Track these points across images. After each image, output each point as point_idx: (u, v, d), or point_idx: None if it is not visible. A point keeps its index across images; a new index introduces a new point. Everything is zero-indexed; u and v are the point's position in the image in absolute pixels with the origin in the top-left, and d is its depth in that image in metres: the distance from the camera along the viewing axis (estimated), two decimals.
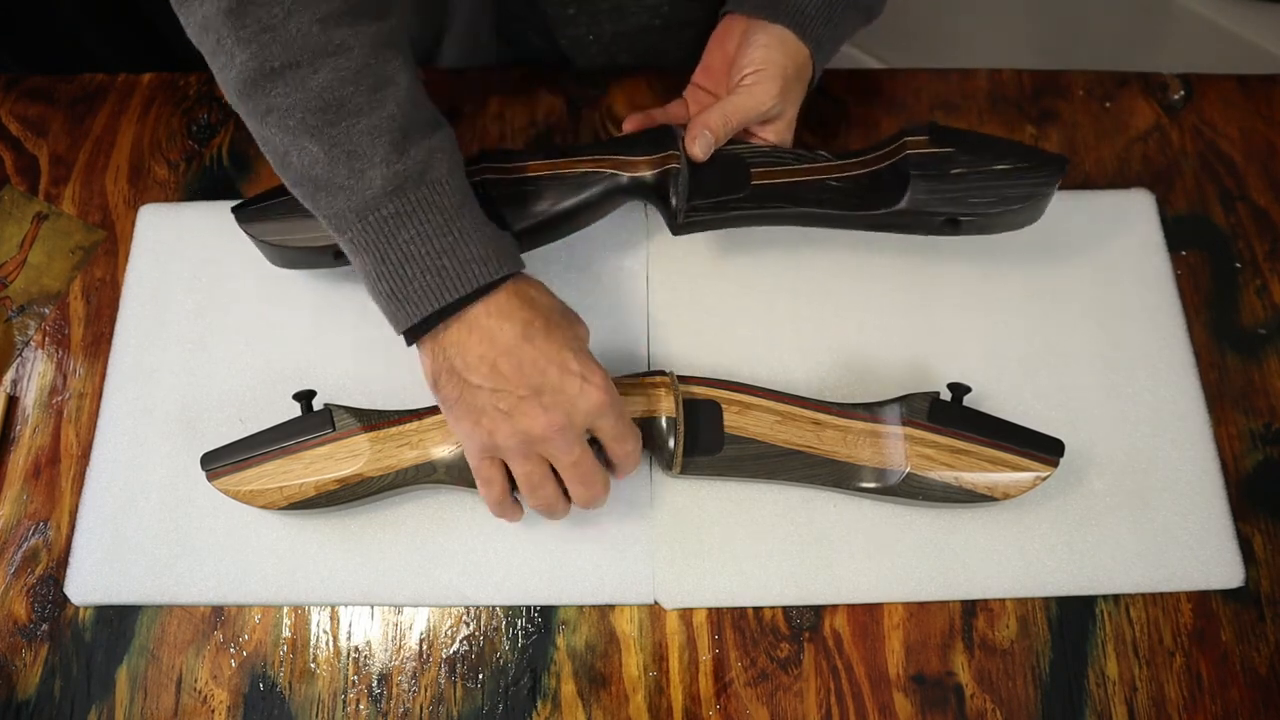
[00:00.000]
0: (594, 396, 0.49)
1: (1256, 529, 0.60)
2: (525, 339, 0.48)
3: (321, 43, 0.47)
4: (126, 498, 0.59)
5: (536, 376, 0.48)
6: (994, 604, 0.58)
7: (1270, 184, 0.70)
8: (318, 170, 0.48)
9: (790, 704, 0.56)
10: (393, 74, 0.49)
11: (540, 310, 0.50)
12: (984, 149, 0.58)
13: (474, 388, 0.49)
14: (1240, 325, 0.66)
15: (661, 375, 0.56)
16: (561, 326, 0.50)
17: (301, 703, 0.56)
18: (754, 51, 0.58)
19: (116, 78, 0.73)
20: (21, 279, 0.67)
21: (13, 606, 0.58)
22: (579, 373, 0.49)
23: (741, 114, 0.58)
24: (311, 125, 0.47)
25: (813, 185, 0.59)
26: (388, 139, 0.47)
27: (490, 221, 0.50)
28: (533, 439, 0.49)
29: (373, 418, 0.56)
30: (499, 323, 0.48)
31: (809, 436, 0.56)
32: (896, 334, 0.64)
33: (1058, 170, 0.57)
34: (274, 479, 0.54)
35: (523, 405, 0.48)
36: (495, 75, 0.73)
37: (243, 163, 0.70)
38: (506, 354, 0.48)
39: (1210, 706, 0.56)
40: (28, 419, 0.63)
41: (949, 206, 0.57)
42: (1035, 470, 0.55)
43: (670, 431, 0.55)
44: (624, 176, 0.58)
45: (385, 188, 0.47)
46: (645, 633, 0.57)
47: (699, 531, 0.59)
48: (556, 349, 0.49)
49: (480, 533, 0.58)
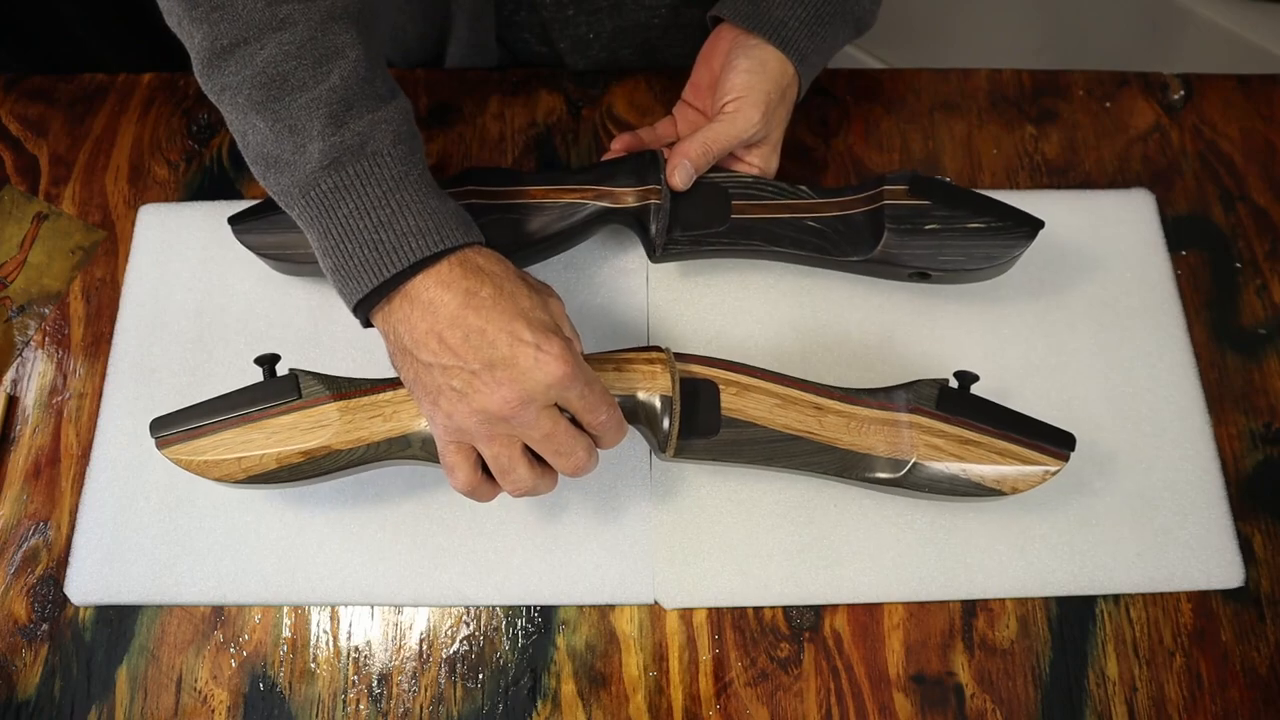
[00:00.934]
0: (551, 368, 0.45)
1: (1256, 529, 0.60)
2: (469, 307, 0.45)
3: (267, 18, 0.46)
4: (126, 498, 0.59)
5: (486, 349, 0.45)
6: (994, 604, 0.58)
7: (1270, 184, 0.70)
8: (267, 147, 0.48)
9: (790, 704, 0.56)
10: (341, 47, 0.47)
11: (488, 279, 0.47)
12: (960, 205, 0.58)
13: (425, 365, 0.47)
14: (1240, 325, 0.66)
15: (658, 351, 0.53)
16: (514, 295, 0.47)
17: (301, 703, 0.56)
18: (736, 76, 0.58)
19: (116, 78, 0.73)
20: (21, 279, 0.67)
21: (13, 606, 0.58)
22: (533, 342, 0.45)
23: (723, 142, 0.58)
24: (258, 101, 0.47)
25: (791, 224, 0.60)
26: (325, 111, 0.46)
27: (440, 194, 0.49)
28: (493, 418, 0.46)
29: (343, 385, 0.51)
30: (439, 293, 0.46)
31: (810, 422, 0.54)
32: (897, 333, 0.64)
33: (1029, 233, 0.58)
34: (232, 449, 0.50)
35: (476, 382, 0.45)
36: (495, 75, 0.73)
37: (242, 163, 0.70)
38: (450, 325, 0.45)
39: (1210, 706, 0.56)
40: (28, 419, 0.63)
41: (920, 262, 0.58)
42: (1045, 464, 0.53)
43: (665, 411, 0.51)
44: (607, 207, 0.59)
45: (322, 161, 0.46)
46: (645, 633, 0.57)
47: (699, 531, 0.59)
48: (506, 318, 0.45)
49: (480, 533, 0.58)
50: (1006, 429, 0.54)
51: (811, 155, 0.71)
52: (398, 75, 0.73)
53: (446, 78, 0.73)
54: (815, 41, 0.59)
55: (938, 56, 1.48)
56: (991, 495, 0.54)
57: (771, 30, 0.58)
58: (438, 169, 0.70)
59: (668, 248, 0.59)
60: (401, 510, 0.59)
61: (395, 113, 0.49)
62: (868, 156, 0.71)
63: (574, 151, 0.71)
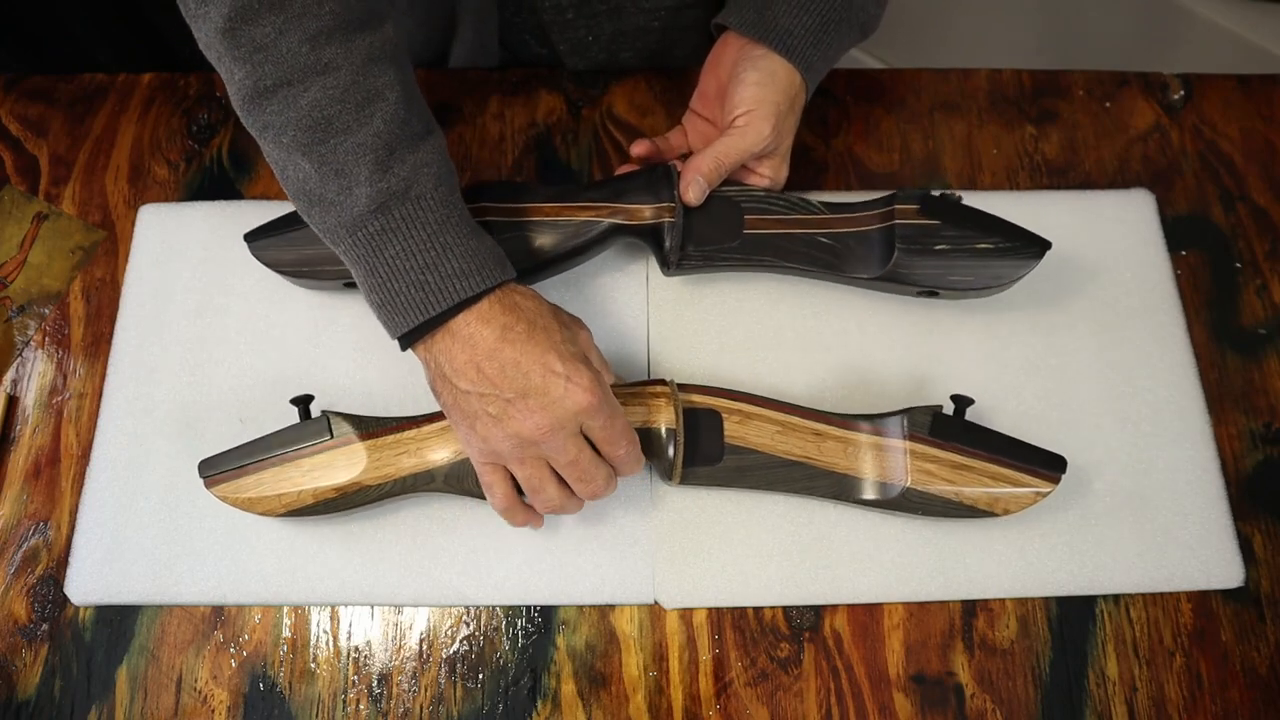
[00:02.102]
0: (578, 398, 0.49)
1: (1256, 529, 0.60)
2: (505, 341, 0.49)
3: (310, 62, 0.48)
4: (126, 498, 0.59)
5: (520, 379, 0.49)
6: (994, 604, 0.58)
7: (1270, 184, 0.70)
8: (310, 186, 0.50)
9: (790, 704, 0.56)
10: (381, 89, 0.49)
11: (523, 315, 0.50)
12: (969, 225, 0.59)
13: (464, 393, 0.50)
14: (1240, 325, 0.66)
15: (661, 384, 0.56)
16: (547, 330, 0.50)
17: (301, 703, 0.56)
18: (745, 90, 0.58)
19: (116, 78, 0.73)
20: (21, 279, 0.67)
21: (13, 606, 0.58)
22: (563, 374, 0.49)
23: (734, 156, 0.58)
24: (303, 143, 0.49)
25: (802, 239, 0.60)
26: (372, 157, 0.48)
27: (478, 231, 0.51)
28: (524, 441, 0.50)
29: (370, 425, 0.55)
30: (479, 328, 0.49)
31: (810, 448, 0.56)
32: (898, 335, 0.64)
33: (1037, 254, 0.59)
34: (272, 486, 0.54)
35: (510, 409, 0.49)
36: (495, 75, 0.73)
37: (242, 163, 0.70)
38: (488, 357, 0.49)
39: (1210, 706, 0.56)
40: (28, 419, 0.63)
41: (929, 282, 0.59)
42: (1036, 486, 0.55)
43: (670, 441, 0.54)
44: (621, 223, 0.59)
45: (370, 205, 0.49)
46: (645, 633, 0.57)
47: (699, 531, 0.59)
48: (540, 351, 0.49)
49: (480, 533, 0.58)
50: (998, 453, 0.56)
51: (811, 155, 0.71)
52: None
53: (446, 78, 0.73)
54: (821, 49, 0.59)
55: (938, 56, 1.48)
56: (984, 516, 0.56)
57: (778, 40, 0.58)
58: None
59: (681, 263, 0.60)
60: (401, 510, 0.59)
61: (433, 152, 0.51)
62: (868, 156, 0.71)
63: (574, 151, 0.71)
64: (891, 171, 0.70)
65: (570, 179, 0.69)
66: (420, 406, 0.61)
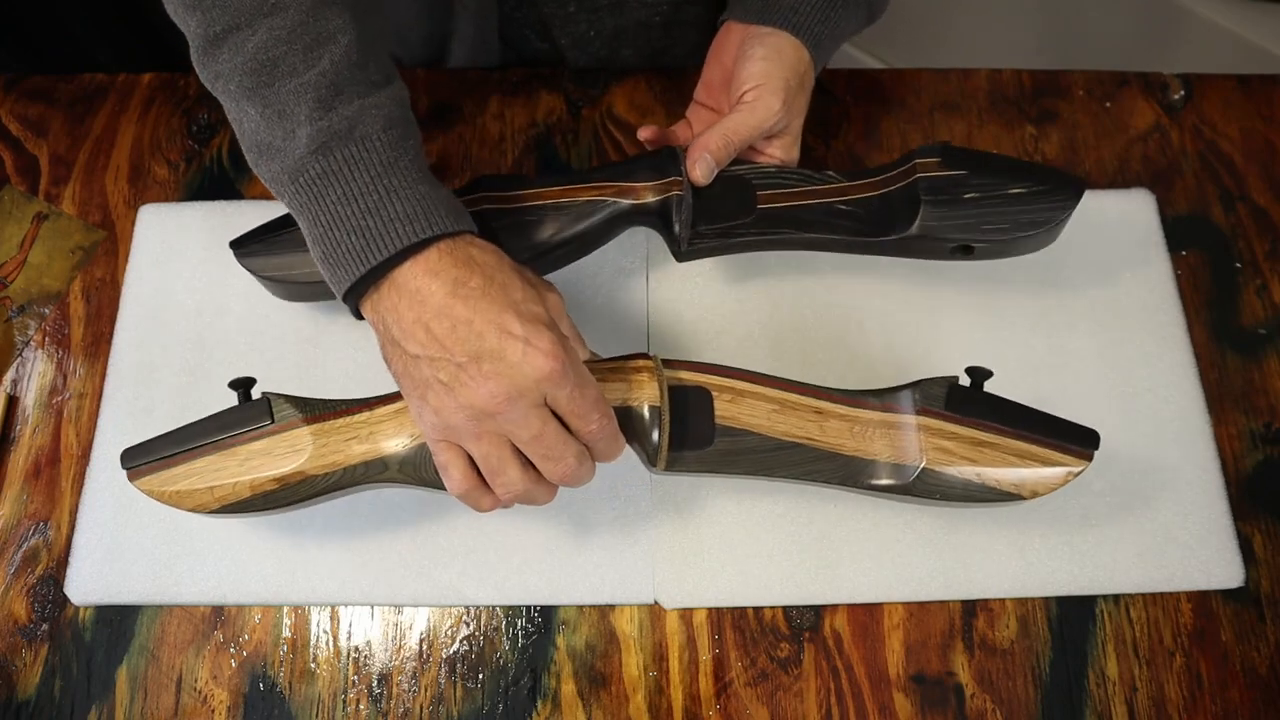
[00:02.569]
0: (538, 363, 0.43)
1: (1256, 529, 0.60)
2: (456, 297, 0.44)
3: (258, 3, 0.46)
4: (126, 498, 0.59)
5: (473, 340, 0.43)
6: (994, 604, 0.58)
7: (1270, 184, 0.70)
8: (260, 135, 0.47)
9: (790, 704, 0.56)
10: (332, 32, 0.46)
11: (479, 268, 0.45)
12: (998, 172, 0.55)
13: (413, 358, 0.45)
14: (1240, 325, 0.66)
15: (644, 359, 0.50)
16: (505, 286, 0.45)
17: (301, 703, 0.56)
18: (752, 65, 0.56)
19: (116, 78, 0.73)
20: (21, 279, 0.67)
21: (13, 606, 0.58)
22: (522, 336, 0.43)
23: (744, 133, 0.56)
24: (249, 87, 0.46)
25: (820, 209, 0.56)
26: (313, 95, 0.45)
27: (431, 180, 0.47)
28: (480, 413, 0.44)
29: (317, 408, 0.49)
30: (427, 282, 0.44)
31: (810, 428, 0.50)
32: (897, 334, 0.64)
33: (1075, 194, 0.55)
34: (204, 478, 0.48)
35: (462, 375, 0.44)
36: (495, 75, 0.73)
37: (243, 163, 0.70)
38: (437, 315, 0.44)
39: (1210, 706, 0.56)
40: (28, 419, 0.63)
41: (962, 233, 0.55)
42: (1068, 465, 0.50)
43: (654, 422, 0.48)
44: (626, 204, 0.56)
45: (310, 146, 0.45)
46: (645, 633, 0.57)
47: (699, 531, 0.59)
48: (496, 309, 0.44)
49: (480, 533, 0.58)
50: (1023, 428, 0.50)
51: (811, 155, 0.71)
52: None
53: (446, 78, 0.73)
54: (829, 26, 0.57)
55: (938, 56, 1.48)
56: (1009, 500, 0.50)
57: (784, 17, 0.56)
58: (439, 169, 0.70)
59: (693, 242, 0.56)
60: (401, 510, 0.59)
61: (388, 99, 0.47)
62: (868, 156, 0.71)
63: (574, 151, 0.71)
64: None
65: None
66: None
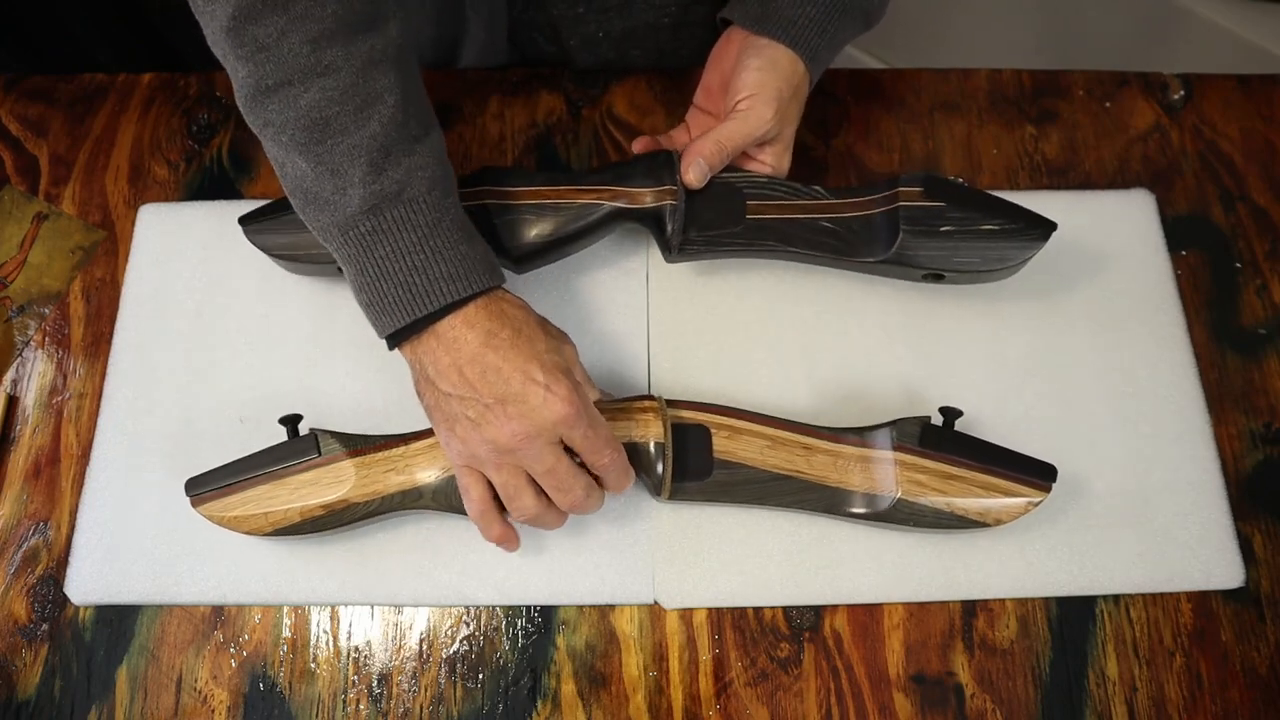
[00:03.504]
0: (556, 408, 0.49)
1: (1256, 529, 0.60)
2: (488, 347, 0.49)
3: (312, 63, 0.48)
4: (127, 497, 0.59)
5: (500, 385, 0.49)
6: (994, 604, 0.58)
7: (1270, 184, 0.70)
8: (307, 184, 0.50)
9: (790, 704, 0.56)
10: (380, 91, 0.49)
11: (509, 322, 0.51)
12: (974, 206, 0.58)
13: (445, 395, 0.50)
14: (1240, 325, 0.66)
15: (650, 400, 0.56)
16: (531, 339, 0.51)
17: (301, 703, 0.56)
18: (748, 75, 0.58)
19: (116, 78, 0.73)
20: (21, 279, 0.67)
21: (13, 606, 0.58)
22: (543, 383, 0.49)
23: (736, 140, 0.58)
24: (301, 142, 0.49)
25: (805, 224, 0.60)
26: (366, 159, 0.49)
27: (470, 237, 0.51)
28: (501, 448, 0.50)
29: (358, 443, 0.55)
30: (464, 332, 0.50)
31: (799, 461, 0.56)
32: (897, 335, 0.64)
33: (1043, 235, 0.58)
34: (259, 505, 0.54)
35: (489, 414, 0.49)
36: (495, 75, 0.73)
37: (243, 163, 0.70)
38: (471, 362, 0.49)
39: (1210, 706, 0.56)
40: (28, 419, 0.63)
41: (935, 263, 0.58)
42: (1028, 495, 0.55)
43: (658, 457, 0.54)
44: (622, 206, 0.59)
45: (363, 206, 0.49)
46: (645, 633, 0.57)
47: (699, 531, 0.59)
48: (522, 359, 0.49)
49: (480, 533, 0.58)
50: (988, 463, 0.55)
51: (811, 155, 0.71)
52: None
53: (446, 78, 0.73)
54: (825, 38, 0.59)
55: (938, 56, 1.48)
56: (975, 527, 0.55)
57: (782, 29, 0.58)
58: None
59: (683, 247, 0.59)
60: (402, 511, 0.59)
61: (430, 157, 0.51)
62: (868, 156, 0.71)
63: (574, 152, 0.71)
64: (891, 171, 0.70)
65: None
66: (416, 407, 0.61)
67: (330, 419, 0.61)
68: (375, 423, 0.60)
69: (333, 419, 0.61)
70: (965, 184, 0.60)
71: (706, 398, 0.60)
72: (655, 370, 0.63)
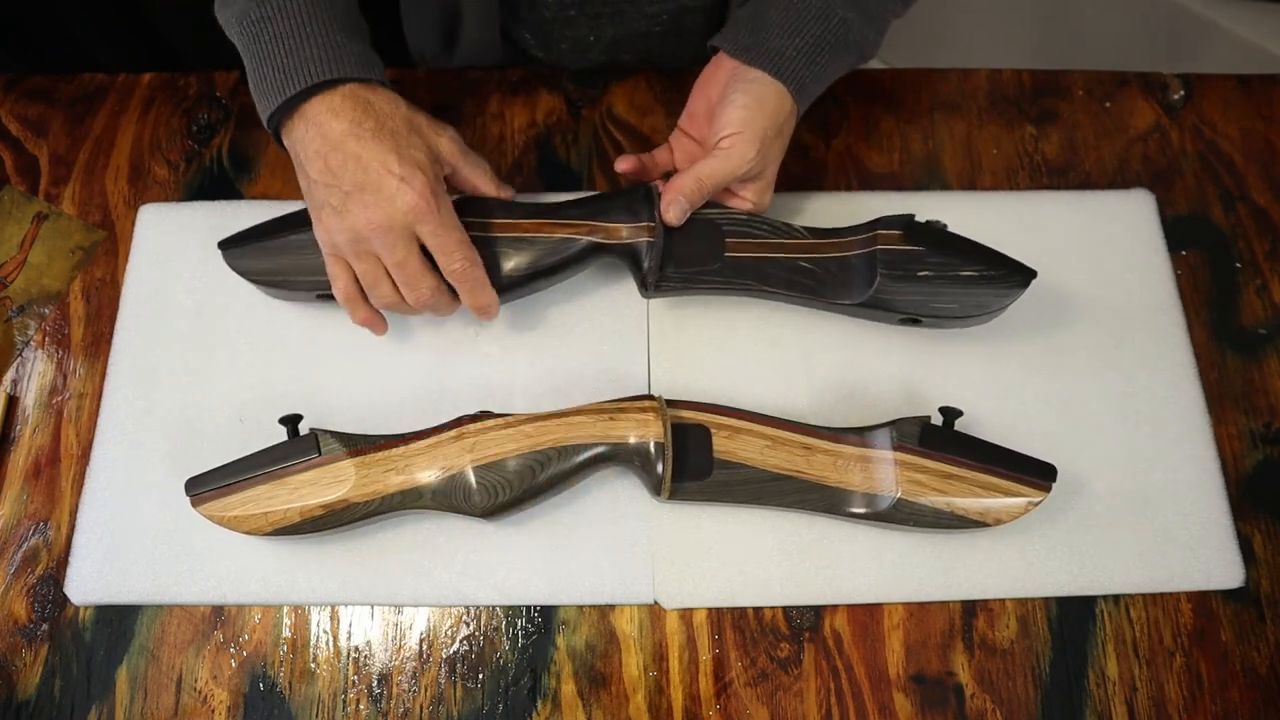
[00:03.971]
0: (408, 198, 0.52)
1: (1256, 529, 0.60)
2: (352, 136, 0.52)
3: None
4: (126, 498, 0.59)
5: (360, 173, 0.52)
6: (994, 604, 0.58)
7: (1270, 184, 0.70)
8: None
9: (790, 704, 0.56)
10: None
11: (374, 113, 0.53)
12: (953, 252, 0.58)
13: (313, 182, 0.54)
14: (1240, 325, 0.66)
15: (649, 399, 0.56)
16: (395, 132, 0.53)
17: (301, 703, 0.56)
18: (733, 111, 0.58)
19: (116, 78, 0.73)
20: (21, 279, 0.67)
21: (13, 606, 0.58)
22: (399, 174, 0.52)
23: (717, 178, 0.58)
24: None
25: (784, 263, 0.60)
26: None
27: (352, 34, 0.55)
28: (358, 236, 0.53)
29: (359, 442, 0.55)
30: (330, 119, 0.53)
31: (799, 461, 0.56)
32: (898, 335, 0.64)
33: (1022, 283, 0.58)
34: (259, 504, 0.54)
35: (348, 202, 0.53)
36: (495, 75, 0.73)
37: (243, 163, 0.70)
38: (335, 149, 0.53)
39: (1210, 706, 0.56)
40: (28, 419, 0.63)
41: (912, 308, 0.58)
42: (1028, 495, 0.55)
43: (659, 456, 0.54)
44: (600, 241, 0.59)
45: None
46: (645, 633, 0.57)
47: (699, 531, 0.59)
48: (382, 150, 0.52)
49: (480, 533, 0.58)
50: (988, 462, 0.55)
51: (811, 155, 0.71)
52: (397, 76, 0.73)
53: (446, 78, 0.73)
54: (814, 70, 0.59)
55: (938, 56, 1.48)
56: (975, 527, 0.55)
57: (769, 61, 0.58)
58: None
59: (660, 284, 0.59)
60: (402, 511, 0.59)
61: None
62: (868, 156, 0.71)
63: (574, 152, 0.71)
64: (891, 171, 0.70)
65: (570, 179, 0.70)
66: (417, 406, 0.61)
67: (330, 419, 0.61)
68: (375, 423, 0.60)
69: (333, 419, 0.61)
70: (946, 227, 0.59)
71: (706, 398, 0.60)
72: (655, 370, 0.63)
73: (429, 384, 0.62)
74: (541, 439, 0.55)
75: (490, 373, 0.62)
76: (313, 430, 0.56)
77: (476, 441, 0.55)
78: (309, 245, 0.58)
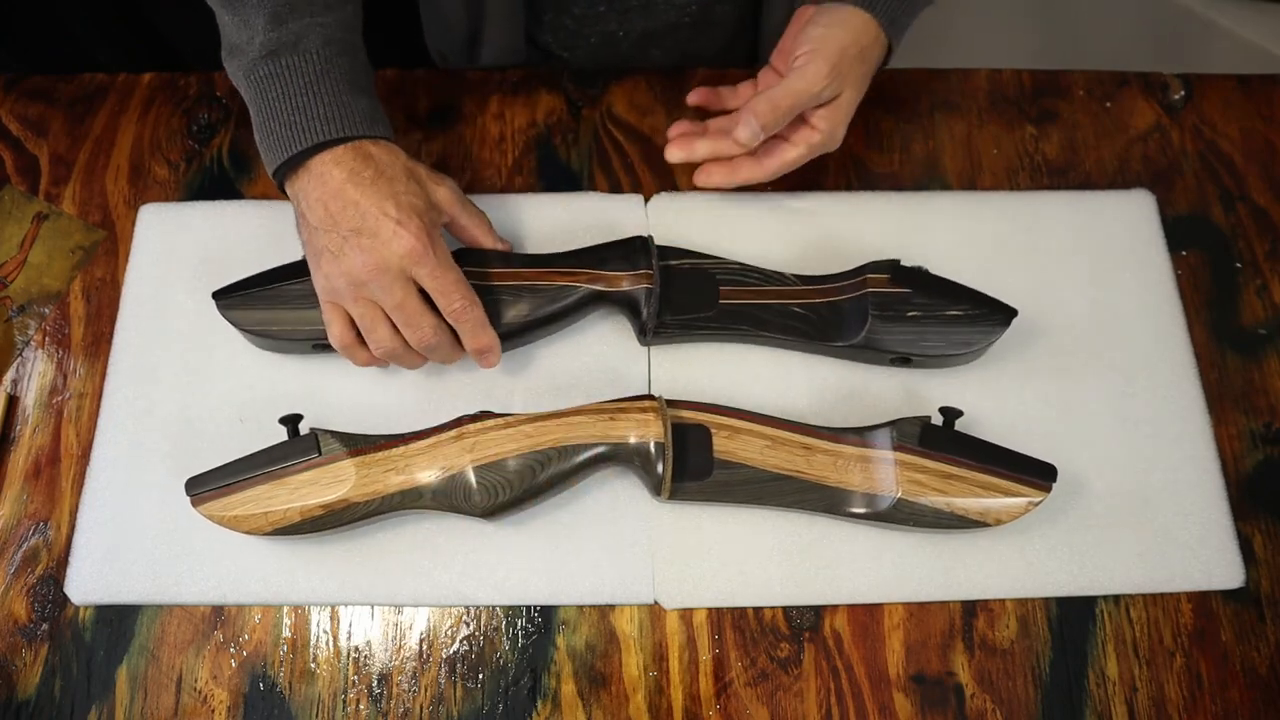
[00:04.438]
0: (404, 242, 0.53)
1: (1256, 529, 0.60)
2: (350, 183, 0.53)
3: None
4: (126, 498, 0.59)
5: (357, 219, 0.53)
6: (994, 604, 0.58)
7: (1270, 184, 0.70)
8: (229, 34, 0.57)
9: (790, 704, 0.56)
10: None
11: (374, 163, 0.55)
12: (939, 293, 0.60)
13: (314, 229, 0.55)
14: (1240, 325, 0.66)
15: (650, 399, 0.56)
16: (392, 180, 0.54)
17: (301, 703, 0.56)
18: (812, 30, 0.57)
19: (116, 78, 0.73)
20: (21, 279, 0.67)
21: (13, 606, 0.58)
22: (394, 218, 0.53)
23: (791, 98, 0.56)
24: (222, 1, 0.56)
25: (777, 309, 0.61)
26: (270, 11, 0.55)
27: (359, 92, 0.56)
28: (356, 280, 0.54)
29: (359, 442, 0.55)
30: (330, 168, 0.54)
31: (799, 461, 0.56)
32: None
33: (1003, 321, 0.59)
34: (259, 504, 0.54)
35: (345, 246, 0.53)
36: (495, 75, 0.73)
37: (243, 163, 0.70)
38: (334, 196, 0.54)
39: (1210, 706, 0.56)
40: (28, 419, 0.63)
41: (902, 347, 0.59)
42: (1028, 495, 0.55)
43: (658, 457, 0.54)
44: (599, 289, 0.60)
45: (262, 51, 0.55)
46: (645, 633, 0.57)
47: (699, 531, 0.59)
48: (379, 196, 0.53)
49: (480, 533, 0.58)
50: (988, 463, 0.56)
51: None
52: (397, 76, 0.73)
53: (446, 78, 0.73)
54: (904, 4, 0.59)
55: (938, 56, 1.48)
56: (976, 527, 0.55)
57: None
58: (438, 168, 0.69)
59: (658, 330, 0.60)
60: (402, 511, 0.59)
61: (333, 22, 0.56)
62: (868, 156, 0.71)
63: (574, 152, 0.71)
64: (891, 171, 0.70)
65: (570, 179, 0.70)
66: (417, 406, 0.61)
67: (330, 419, 0.61)
68: (375, 423, 0.60)
69: (333, 419, 0.61)
70: (929, 270, 0.61)
71: (706, 398, 0.60)
72: (655, 370, 0.63)
73: (429, 384, 0.62)
74: (542, 439, 0.55)
75: (490, 373, 0.62)
76: (313, 430, 0.56)
77: (476, 441, 0.55)
78: (305, 295, 0.58)
